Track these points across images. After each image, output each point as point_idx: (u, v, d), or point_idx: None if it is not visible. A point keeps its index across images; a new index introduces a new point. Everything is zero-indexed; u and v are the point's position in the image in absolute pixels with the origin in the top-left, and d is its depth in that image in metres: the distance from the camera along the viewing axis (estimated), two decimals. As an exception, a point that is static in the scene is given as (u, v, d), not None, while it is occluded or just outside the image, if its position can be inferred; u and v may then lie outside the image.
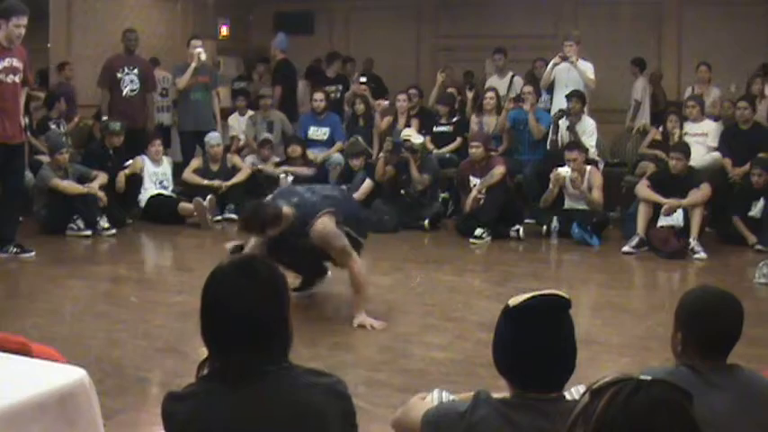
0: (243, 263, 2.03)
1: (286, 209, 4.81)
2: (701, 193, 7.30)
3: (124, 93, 8.97)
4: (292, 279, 5.00)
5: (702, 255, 7.02)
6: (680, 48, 11.78)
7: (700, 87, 9.58)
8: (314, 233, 4.84)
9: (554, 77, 9.07)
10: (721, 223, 7.80)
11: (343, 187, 7.51)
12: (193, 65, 9.11)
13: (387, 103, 10.03)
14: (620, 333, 4.99)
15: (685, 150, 7.53)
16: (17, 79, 6.57)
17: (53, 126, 9.10)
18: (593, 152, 8.44)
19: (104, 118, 8.78)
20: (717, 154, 8.28)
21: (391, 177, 8.50)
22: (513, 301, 1.98)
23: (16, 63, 6.54)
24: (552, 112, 8.88)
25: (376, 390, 3.88)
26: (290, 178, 8.72)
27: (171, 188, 8.77)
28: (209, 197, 8.25)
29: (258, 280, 1.96)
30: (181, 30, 11.84)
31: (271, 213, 4.72)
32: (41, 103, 9.43)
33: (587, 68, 8.93)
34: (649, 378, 1.38)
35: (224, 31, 13.39)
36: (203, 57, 9.18)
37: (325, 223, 4.86)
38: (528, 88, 9.06)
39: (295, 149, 9.03)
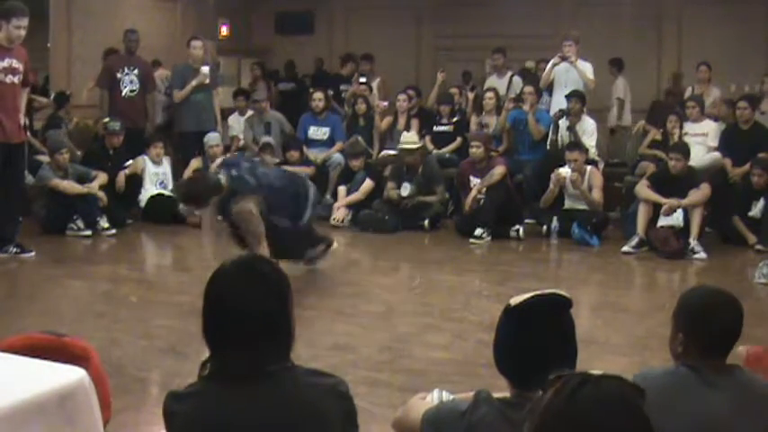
0: (247, 262, 2.03)
1: (223, 180, 5.40)
2: (701, 193, 7.30)
3: (123, 93, 8.96)
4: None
5: (702, 255, 7.02)
6: (680, 48, 11.78)
7: (700, 87, 9.58)
8: (233, 210, 5.40)
9: (553, 78, 9.07)
10: (721, 223, 7.80)
11: (301, 178, 6.35)
12: (194, 83, 9.09)
13: (386, 104, 10.04)
14: (620, 333, 4.99)
15: (685, 151, 7.53)
16: (16, 80, 6.58)
17: (62, 126, 9.13)
18: (593, 152, 8.44)
19: (106, 119, 8.77)
20: (717, 154, 8.28)
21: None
22: (514, 301, 1.98)
23: (16, 64, 6.54)
24: (552, 112, 8.88)
25: (376, 390, 3.88)
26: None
27: (171, 188, 8.77)
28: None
29: (262, 279, 1.96)
30: (181, 30, 11.83)
31: (210, 185, 5.39)
32: (45, 104, 9.46)
33: (586, 68, 8.92)
34: (600, 373, 1.35)
35: (224, 31, 13.39)
36: (207, 81, 9.16)
37: (242, 206, 5.37)
38: (528, 88, 9.05)
39: (293, 155, 8.99)
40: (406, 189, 8.37)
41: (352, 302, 5.58)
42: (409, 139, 8.51)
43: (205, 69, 9.13)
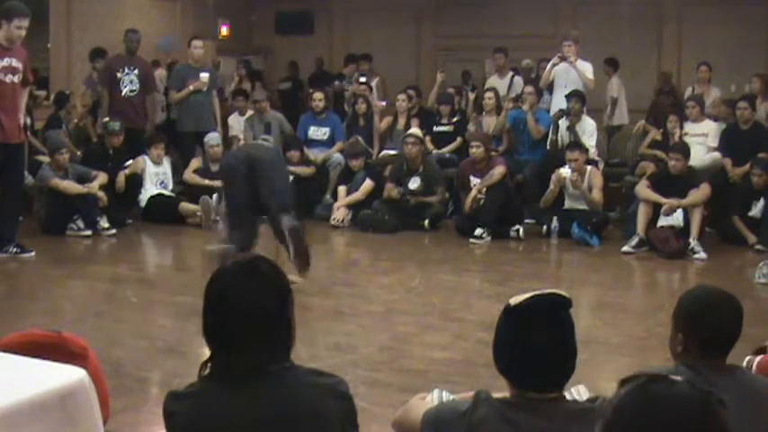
0: (247, 262, 2.03)
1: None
2: (701, 193, 7.30)
3: (123, 93, 8.94)
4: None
5: (702, 255, 7.01)
6: (680, 48, 11.78)
7: (700, 87, 9.58)
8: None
9: (553, 78, 9.07)
10: (721, 223, 7.80)
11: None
12: (191, 88, 9.09)
13: (384, 103, 10.05)
14: (620, 333, 4.99)
15: (684, 151, 7.53)
16: (16, 79, 6.58)
17: (62, 126, 9.15)
18: (593, 152, 8.44)
19: (106, 119, 8.77)
20: (717, 154, 8.28)
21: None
22: (514, 301, 1.98)
23: (15, 63, 6.54)
24: (552, 112, 8.88)
25: (376, 390, 3.88)
26: (290, 178, 8.71)
27: (171, 188, 8.77)
28: (214, 197, 8.24)
29: (262, 279, 1.96)
30: (181, 30, 11.84)
31: None
32: (43, 100, 9.46)
33: (586, 68, 8.92)
34: (678, 377, 1.36)
35: (224, 31, 13.39)
36: (205, 89, 9.16)
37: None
38: (528, 88, 9.05)
39: (293, 155, 8.99)
40: (415, 183, 8.38)
41: (352, 302, 5.58)
42: (414, 132, 8.56)
43: (204, 77, 9.12)
